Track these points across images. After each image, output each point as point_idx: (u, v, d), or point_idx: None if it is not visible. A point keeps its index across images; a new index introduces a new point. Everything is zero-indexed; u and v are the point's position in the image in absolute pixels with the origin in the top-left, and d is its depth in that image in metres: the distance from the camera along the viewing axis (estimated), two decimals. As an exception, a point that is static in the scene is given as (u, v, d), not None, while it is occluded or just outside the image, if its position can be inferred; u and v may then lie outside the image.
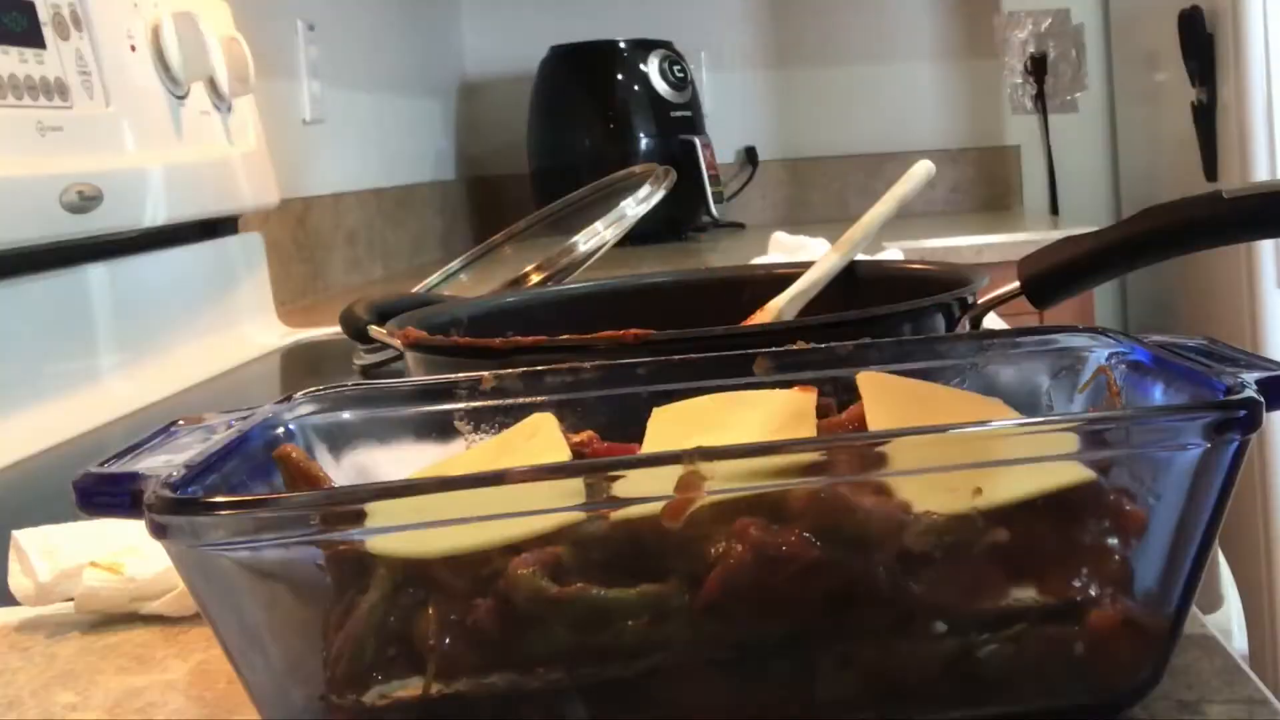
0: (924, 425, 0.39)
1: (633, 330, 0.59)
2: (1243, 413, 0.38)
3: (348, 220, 1.90)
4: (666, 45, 2.57)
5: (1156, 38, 2.53)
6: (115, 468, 0.41)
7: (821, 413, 0.47)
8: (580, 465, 0.37)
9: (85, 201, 1.02)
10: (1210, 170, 2.35)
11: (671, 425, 0.47)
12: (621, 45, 2.50)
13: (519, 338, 0.62)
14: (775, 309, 0.76)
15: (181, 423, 0.47)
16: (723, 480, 0.36)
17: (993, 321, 0.93)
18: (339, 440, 0.50)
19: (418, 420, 0.51)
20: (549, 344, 0.61)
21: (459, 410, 0.51)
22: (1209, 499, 0.39)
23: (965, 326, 0.67)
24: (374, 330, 0.79)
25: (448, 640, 0.38)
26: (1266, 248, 2.21)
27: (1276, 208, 0.67)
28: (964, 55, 2.97)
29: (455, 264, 1.24)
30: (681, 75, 2.54)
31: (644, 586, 0.37)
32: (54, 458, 0.90)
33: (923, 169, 0.82)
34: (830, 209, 2.93)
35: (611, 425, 0.49)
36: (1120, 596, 0.39)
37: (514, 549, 0.37)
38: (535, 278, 1.05)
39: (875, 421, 0.45)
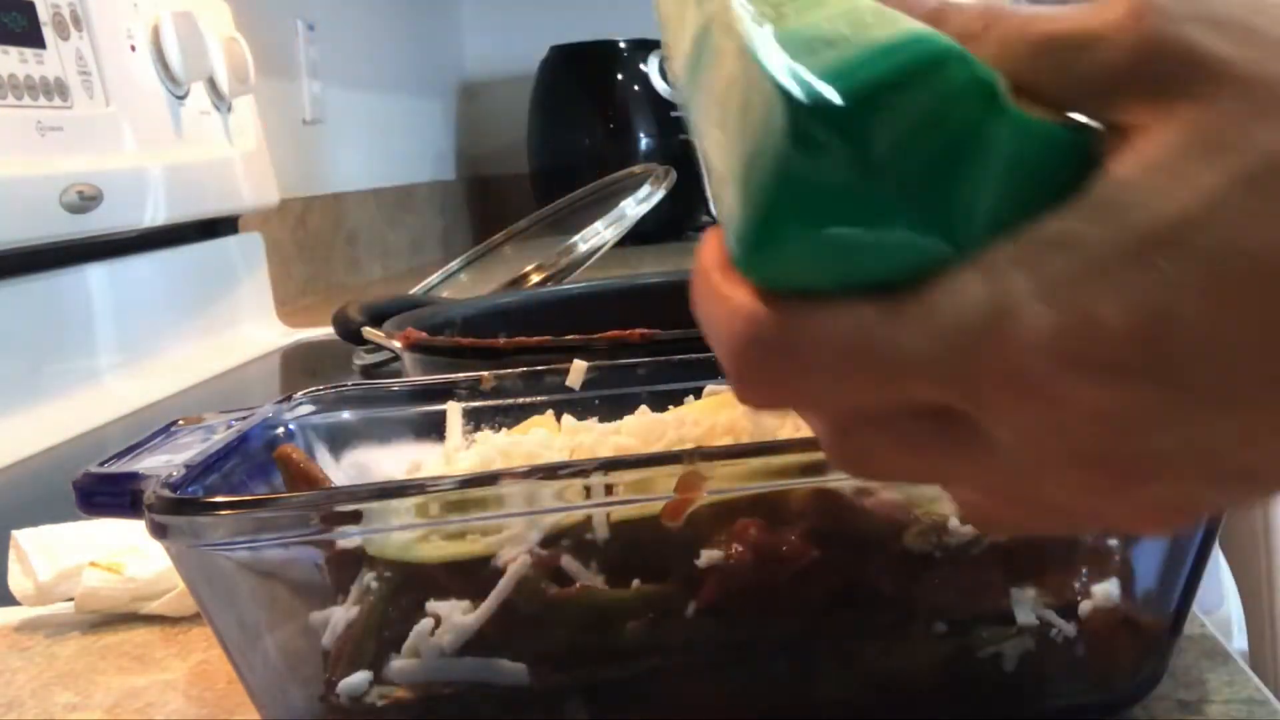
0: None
1: (638, 330, 0.60)
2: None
3: (348, 220, 1.89)
4: (667, 45, 2.56)
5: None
6: (115, 468, 0.41)
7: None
8: (580, 465, 0.37)
9: (85, 201, 1.02)
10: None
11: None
12: (622, 45, 2.49)
13: (524, 338, 0.62)
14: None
15: (181, 423, 0.47)
16: (723, 480, 0.36)
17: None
18: (339, 440, 0.50)
19: (418, 420, 0.51)
20: (553, 344, 0.60)
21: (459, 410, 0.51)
22: (1209, 499, 0.39)
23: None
24: (369, 332, 0.79)
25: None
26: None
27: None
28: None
29: (455, 264, 1.24)
30: (682, 75, 2.53)
31: (644, 586, 0.37)
32: (54, 458, 0.90)
33: None
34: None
35: (611, 426, 0.49)
36: (1120, 596, 0.39)
37: (514, 549, 0.37)
38: (535, 278, 1.05)
39: None
